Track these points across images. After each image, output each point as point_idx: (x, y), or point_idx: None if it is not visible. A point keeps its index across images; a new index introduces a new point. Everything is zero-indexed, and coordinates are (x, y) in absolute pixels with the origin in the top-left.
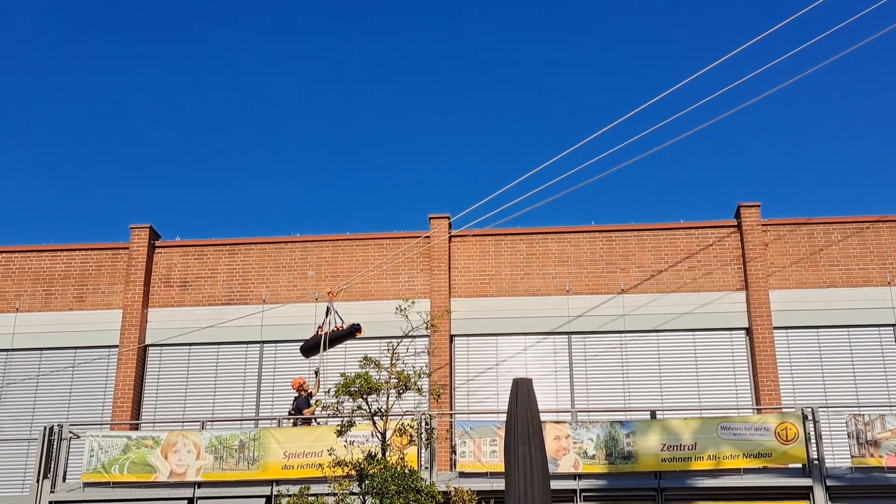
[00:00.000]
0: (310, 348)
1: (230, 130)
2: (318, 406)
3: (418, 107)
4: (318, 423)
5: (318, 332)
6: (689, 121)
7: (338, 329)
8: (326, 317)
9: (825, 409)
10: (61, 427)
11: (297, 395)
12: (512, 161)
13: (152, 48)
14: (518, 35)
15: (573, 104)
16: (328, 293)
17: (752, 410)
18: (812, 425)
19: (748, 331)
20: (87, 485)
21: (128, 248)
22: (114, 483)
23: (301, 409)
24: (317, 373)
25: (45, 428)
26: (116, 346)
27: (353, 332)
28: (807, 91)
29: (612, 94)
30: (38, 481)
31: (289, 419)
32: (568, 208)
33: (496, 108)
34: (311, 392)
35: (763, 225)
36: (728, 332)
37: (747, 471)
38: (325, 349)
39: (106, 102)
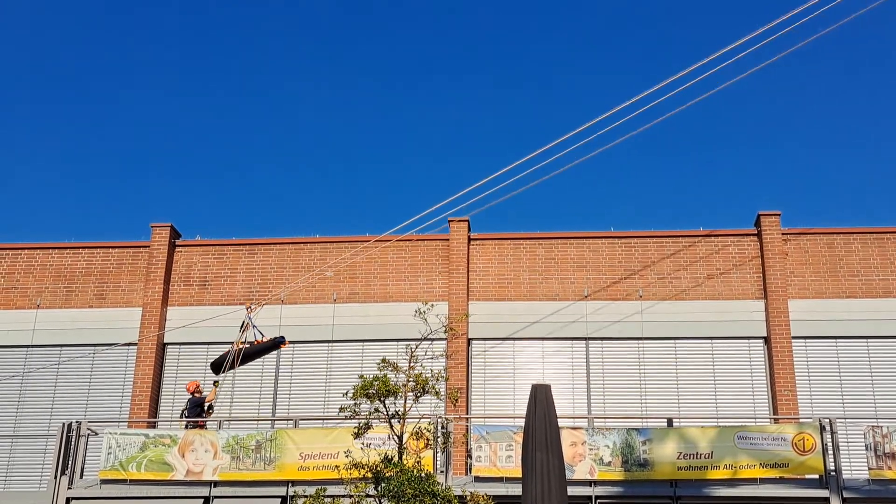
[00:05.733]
0: (221, 364)
1: (252, 130)
2: (215, 391)
3: (440, 107)
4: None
5: (233, 347)
6: (697, 114)
7: (257, 343)
8: (243, 331)
9: (843, 420)
10: (79, 424)
11: (190, 396)
12: (534, 161)
13: (176, 47)
14: (536, 34)
15: (601, 102)
16: (248, 306)
17: (769, 420)
18: (829, 436)
19: (766, 340)
20: (104, 482)
21: (148, 246)
22: (131, 481)
23: (200, 404)
24: (215, 384)
25: (63, 424)
26: (135, 344)
27: (276, 344)
28: (829, 99)
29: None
30: (55, 478)
31: (304, 420)
32: (587, 214)
33: (513, 108)
34: (206, 396)
35: (783, 234)
36: (746, 340)
37: (764, 481)
38: (238, 364)
39: (130, 100)
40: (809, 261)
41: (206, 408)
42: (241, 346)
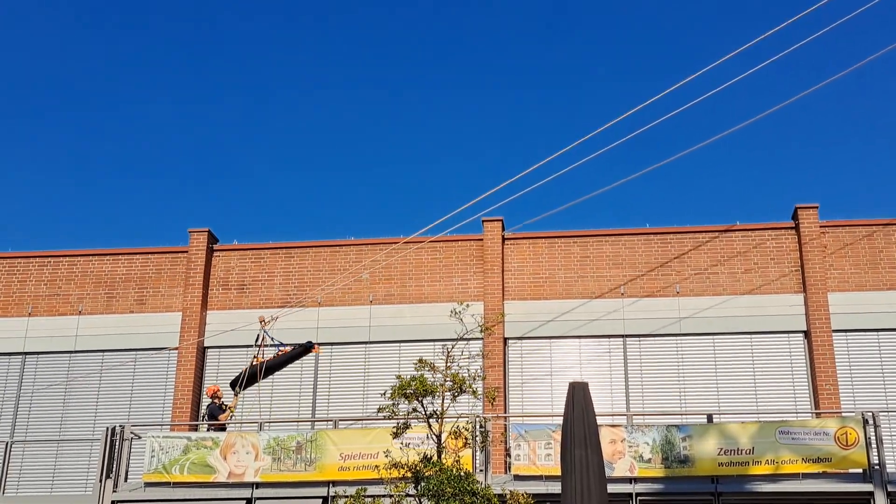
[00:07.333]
0: (246, 380)
1: (286, 135)
2: (231, 412)
3: (470, 106)
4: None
5: (253, 362)
6: (739, 118)
7: (283, 353)
8: (259, 345)
9: (886, 413)
10: (123, 428)
11: (210, 401)
12: (566, 160)
13: (215, 54)
14: (564, 34)
15: (631, 98)
16: (260, 321)
17: (811, 414)
18: (873, 430)
19: (806, 334)
20: (148, 485)
21: (187, 251)
22: (174, 483)
23: (215, 415)
24: (236, 394)
25: (107, 428)
26: (176, 348)
27: (306, 350)
28: (865, 90)
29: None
30: (100, 481)
31: (343, 420)
32: (622, 211)
33: (537, 108)
34: (224, 403)
35: (821, 226)
36: (786, 335)
37: (806, 476)
38: (262, 378)
39: (168, 108)
40: (849, 253)
41: (226, 413)
42: (259, 360)
